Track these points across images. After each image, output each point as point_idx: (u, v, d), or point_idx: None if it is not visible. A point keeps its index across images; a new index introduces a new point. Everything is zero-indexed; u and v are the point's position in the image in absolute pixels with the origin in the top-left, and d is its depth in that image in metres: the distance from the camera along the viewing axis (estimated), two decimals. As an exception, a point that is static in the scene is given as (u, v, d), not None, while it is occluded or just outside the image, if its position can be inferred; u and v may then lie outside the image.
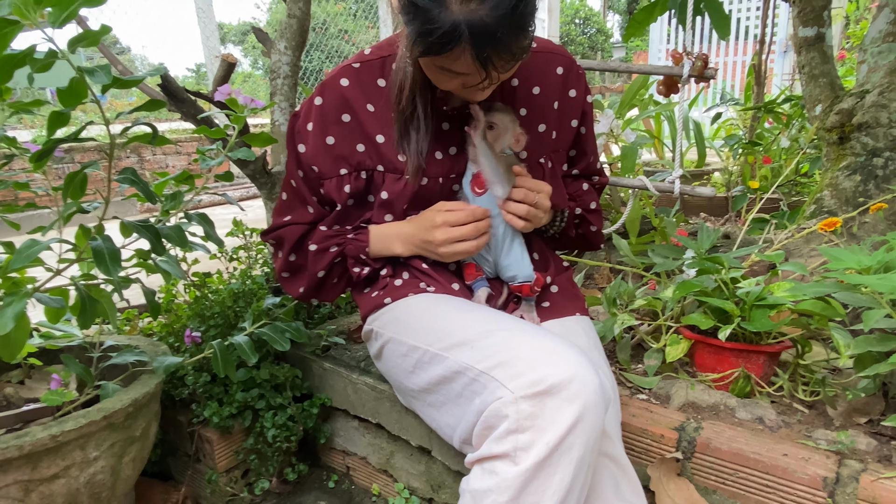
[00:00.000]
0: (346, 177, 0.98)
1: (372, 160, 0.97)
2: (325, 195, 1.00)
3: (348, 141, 0.96)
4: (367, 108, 0.97)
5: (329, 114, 0.96)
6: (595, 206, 1.15)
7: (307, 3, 1.46)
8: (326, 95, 0.96)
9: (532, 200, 0.93)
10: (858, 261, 0.94)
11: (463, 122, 0.98)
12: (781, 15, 6.26)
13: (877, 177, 1.67)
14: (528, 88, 1.01)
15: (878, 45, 1.77)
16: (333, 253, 1.02)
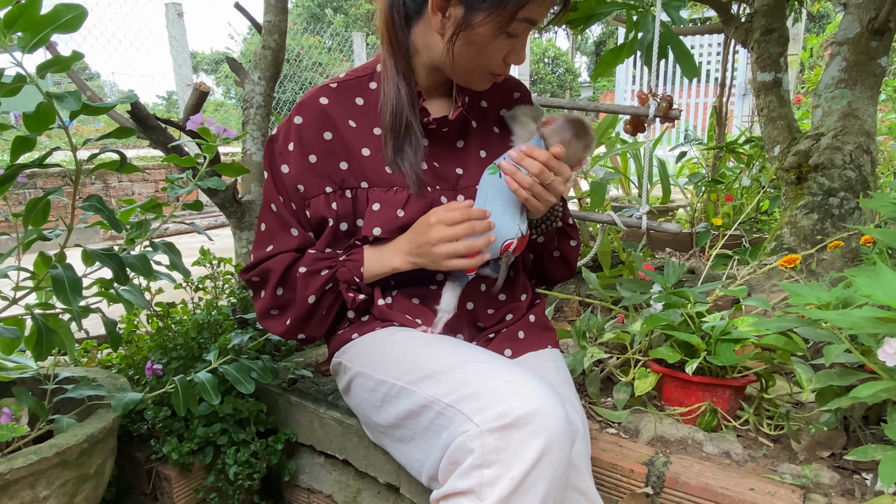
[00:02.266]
0: (332, 195, 0.96)
1: (356, 178, 0.96)
2: (313, 216, 0.96)
3: (331, 159, 0.95)
4: (349, 124, 0.97)
5: (310, 132, 0.95)
6: (572, 221, 1.15)
7: (282, 36, 1.47)
8: (306, 114, 0.96)
9: (546, 180, 0.88)
10: (818, 297, 0.97)
11: (441, 137, 1.00)
12: (741, 60, 6.55)
13: (833, 216, 1.73)
14: (496, 109, 1.07)
15: (831, 90, 1.87)
16: (325, 277, 0.96)
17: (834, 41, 1.89)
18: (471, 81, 0.96)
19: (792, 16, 3.15)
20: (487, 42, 0.87)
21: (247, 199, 1.44)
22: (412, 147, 0.95)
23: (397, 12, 0.91)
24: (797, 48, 6.96)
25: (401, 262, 0.94)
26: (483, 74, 0.93)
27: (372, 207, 0.96)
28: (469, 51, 0.88)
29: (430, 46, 0.94)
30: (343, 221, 0.97)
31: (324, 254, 0.98)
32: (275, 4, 1.46)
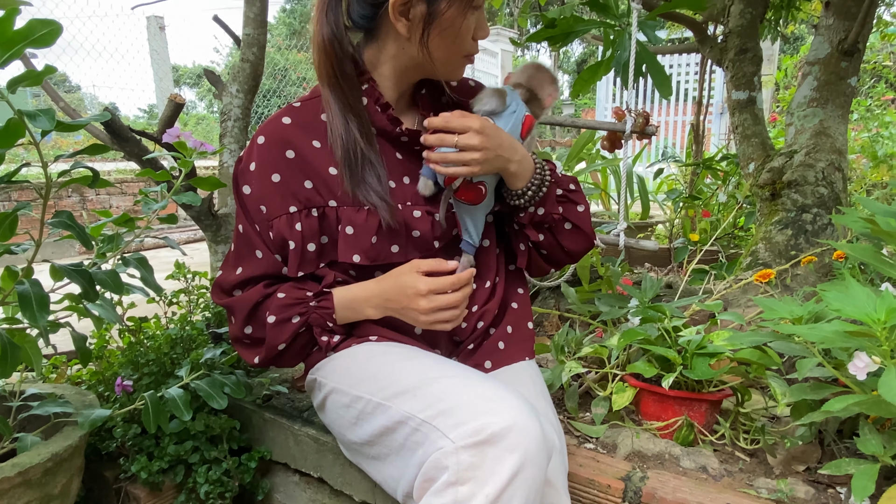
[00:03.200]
0: (297, 214, 0.94)
1: (322, 196, 0.94)
2: (276, 237, 0.94)
3: (294, 177, 0.93)
4: (313, 144, 0.95)
5: (272, 151, 0.94)
6: (574, 186, 1.06)
7: (261, 49, 1.47)
8: (268, 134, 0.95)
9: (450, 142, 0.88)
10: (791, 311, 0.98)
11: (412, 151, 0.99)
12: (718, 79, 6.68)
13: (806, 231, 1.76)
14: None
15: (803, 109, 1.91)
16: (296, 324, 0.94)
17: (806, 61, 1.94)
18: (451, 71, 0.96)
19: (768, 37, 3.23)
20: (459, 24, 0.88)
21: (223, 213, 1.42)
22: (374, 175, 0.94)
23: (339, 44, 0.91)
24: (772, 68, 7.13)
25: (375, 313, 0.94)
26: (460, 60, 0.95)
27: (345, 231, 0.94)
28: (444, 40, 0.90)
29: (395, 56, 0.94)
30: (310, 242, 0.95)
31: (292, 298, 0.94)
32: (254, 18, 1.45)
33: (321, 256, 0.97)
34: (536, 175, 0.97)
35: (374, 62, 0.96)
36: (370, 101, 0.97)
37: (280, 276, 0.98)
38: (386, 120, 0.97)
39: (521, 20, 3.02)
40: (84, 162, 0.87)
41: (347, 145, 0.93)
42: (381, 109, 0.97)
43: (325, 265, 0.98)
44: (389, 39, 0.93)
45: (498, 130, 0.91)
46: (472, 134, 0.88)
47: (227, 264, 0.99)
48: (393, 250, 0.96)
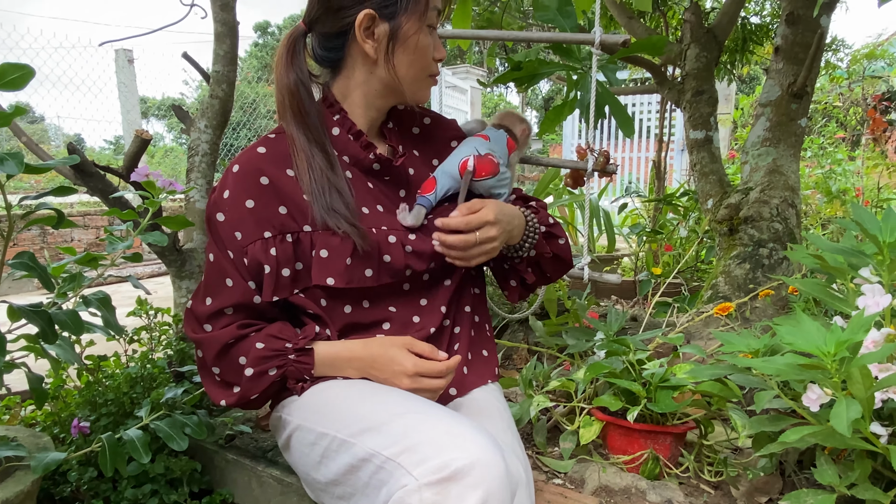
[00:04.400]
0: (271, 240, 0.94)
1: (296, 222, 0.95)
2: (251, 262, 0.93)
3: (269, 203, 0.94)
4: (287, 173, 0.96)
5: (247, 178, 0.95)
6: (552, 220, 1.12)
7: (230, 86, 1.48)
8: (243, 162, 0.96)
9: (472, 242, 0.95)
10: (748, 344, 1.01)
11: (383, 179, 1.02)
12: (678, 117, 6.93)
13: (763, 265, 1.82)
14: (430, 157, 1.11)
15: (757, 148, 2.00)
16: (273, 376, 0.94)
17: (758, 103, 2.04)
18: (417, 91, 1.02)
19: (724, 78, 3.39)
20: (416, 39, 0.96)
21: (188, 248, 1.40)
22: (343, 203, 0.95)
23: (304, 86, 0.96)
24: (730, 107, 7.44)
25: (355, 375, 0.95)
26: (425, 79, 1.01)
27: (320, 254, 0.95)
28: (407, 57, 0.96)
29: (365, 82, 0.99)
30: (284, 267, 0.95)
31: (272, 349, 0.93)
32: (224, 55, 1.47)
33: (295, 282, 0.97)
34: (529, 228, 1.04)
35: (343, 93, 1.00)
36: (342, 131, 1.00)
37: (252, 307, 0.97)
38: (359, 147, 1.00)
39: (490, 61, 3.11)
40: (49, 203, 0.86)
41: (314, 179, 0.95)
42: (354, 137, 1.00)
43: (299, 291, 0.98)
44: (357, 66, 0.98)
45: (503, 208, 0.98)
46: (488, 227, 0.95)
47: (197, 295, 0.98)
48: (367, 274, 0.97)
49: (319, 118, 0.98)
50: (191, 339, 0.98)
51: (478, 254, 0.96)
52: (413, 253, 1.00)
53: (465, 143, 1.08)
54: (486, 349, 1.14)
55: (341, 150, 1.00)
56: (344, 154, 1.01)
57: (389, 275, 0.99)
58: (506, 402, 1.10)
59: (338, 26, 0.95)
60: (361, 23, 0.92)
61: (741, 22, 2.98)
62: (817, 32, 1.85)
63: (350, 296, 0.98)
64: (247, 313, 0.97)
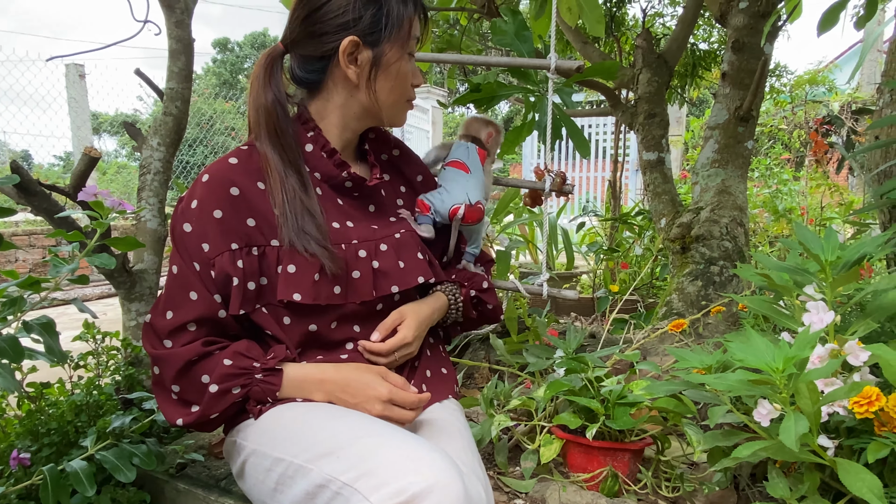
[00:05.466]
0: (238, 252, 0.91)
1: (264, 236, 0.93)
2: (219, 275, 0.91)
3: (237, 215, 0.92)
4: (258, 185, 0.95)
5: (217, 188, 0.92)
6: (487, 284, 1.17)
7: (185, 104, 1.45)
8: (213, 172, 0.94)
9: (398, 359, 1.01)
10: (701, 361, 1.03)
11: (354, 197, 1.03)
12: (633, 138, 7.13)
13: (714, 282, 1.88)
14: (398, 185, 1.13)
15: (707, 169, 2.07)
16: (236, 395, 0.91)
17: (707, 126, 2.12)
18: (395, 115, 1.04)
19: (675, 102, 3.51)
20: (398, 66, 0.98)
21: (138, 269, 1.36)
22: (314, 225, 0.94)
23: (281, 106, 0.96)
24: (681, 129, 7.70)
25: (322, 398, 0.93)
26: (403, 104, 1.03)
27: (287, 269, 0.93)
28: (388, 83, 0.98)
29: (343, 104, 1.00)
30: (250, 280, 0.93)
31: (239, 367, 0.91)
32: (178, 73, 1.44)
33: (259, 298, 0.94)
34: (451, 307, 1.11)
35: (321, 113, 1.01)
36: (316, 148, 1.00)
37: (216, 322, 0.94)
38: (332, 165, 1.00)
39: (450, 82, 3.15)
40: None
41: (286, 199, 0.94)
42: (328, 155, 1.00)
43: (261, 307, 0.95)
44: (337, 89, 0.99)
45: (421, 319, 1.03)
46: (405, 347, 1.00)
47: (156, 309, 0.94)
48: (335, 291, 0.95)
49: (294, 137, 0.98)
50: (150, 354, 0.94)
51: (403, 357, 1.01)
52: (380, 271, 0.99)
53: (452, 178, 1.12)
54: (445, 367, 1.14)
55: (313, 166, 1.01)
56: (316, 171, 1.01)
57: (357, 294, 0.98)
58: (466, 421, 1.09)
59: (320, 51, 0.96)
60: (346, 49, 0.93)
61: (690, 48, 3.11)
62: (761, 59, 1.94)
63: (316, 314, 0.97)
64: (210, 328, 0.94)
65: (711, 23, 3.44)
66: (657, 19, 3.75)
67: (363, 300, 0.99)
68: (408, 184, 1.17)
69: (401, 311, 1.01)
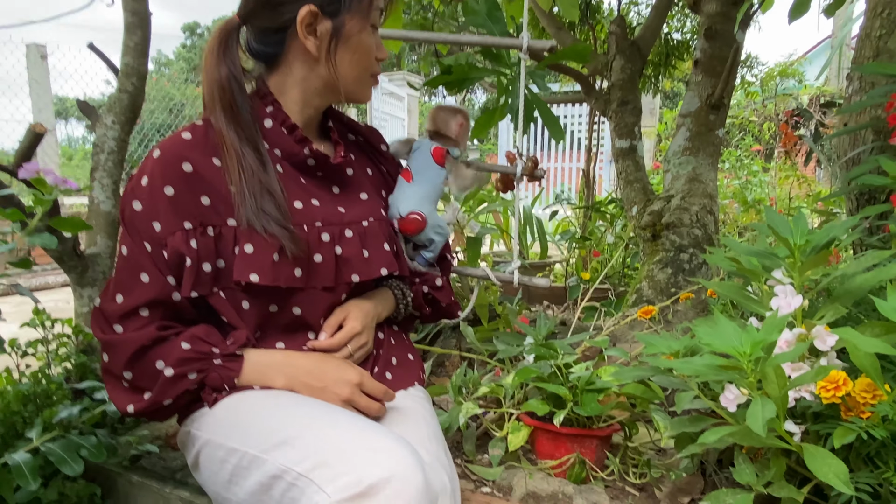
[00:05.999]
0: (192, 231, 0.87)
1: (219, 215, 0.89)
2: (172, 255, 0.86)
3: (190, 192, 0.88)
4: (213, 161, 0.90)
5: (168, 164, 0.88)
6: (441, 282, 1.17)
7: (140, 80, 1.39)
8: (165, 148, 0.89)
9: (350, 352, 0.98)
10: (669, 346, 1.02)
11: (318, 176, 0.99)
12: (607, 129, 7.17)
13: (684, 270, 1.88)
14: (364, 164, 1.10)
15: (678, 157, 2.06)
16: (192, 381, 0.87)
17: (680, 114, 2.11)
18: (359, 90, 1.00)
19: (649, 91, 3.51)
20: (359, 38, 0.95)
21: (91, 252, 1.30)
22: (273, 204, 0.90)
23: (236, 81, 0.92)
24: (654, 121, 7.77)
25: (284, 384, 0.90)
26: (367, 79, 1.00)
27: (244, 248, 0.89)
28: (349, 55, 0.95)
29: (304, 79, 0.95)
30: (205, 262, 0.89)
31: (197, 352, 0.87)
32: (134, 48, 1.37)
33: (216, 280, 0.90)
34: (400, 304, 1.09)
35: (280, 88, 0.97)
36: (275, 124, 0.96)
37: (170, 306, 0.89)
38: (292, 141, 0.96)
39: (424, 66, 3.10)
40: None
41: (243, 177, 0.89)
42: (288, 131, 0.96)
43: (219, 290, 0.91)
44: (297, 63, 0.95)
45: (367, 310, 1.00)
46: (357, 338, 0.98)
47: (106, 293, 0.90)
48: (296, 274, 0.91)
49: (251, 113, 0.94)
50: (99, 340, 0.89)
51: (356, 358, 0.98)
52: (343, 258, 0.96)
53: (397, 187, 1.12)
54: (411, 353, 1.12)
55: (273, 142, 0.96)
56: (276, 147, 0.97)
57: (319, 279, 0.94)
58: (432, 408, 1.07)
59: (277, 22, 0.92)
60: (304, 19, 0.90)
61: (664, 38, 3.11)
62: (734, 46, 1.93)
63: (277, 299, 0.93)
64: (165, 312, 0.90)
65: (685, 12, 3.45)
66: (633, 7, 3.75)
67: (324, 286, 0.95)
68: (376, 168, 1.13)
69: (343, 308, 0.98)
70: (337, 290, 0.97)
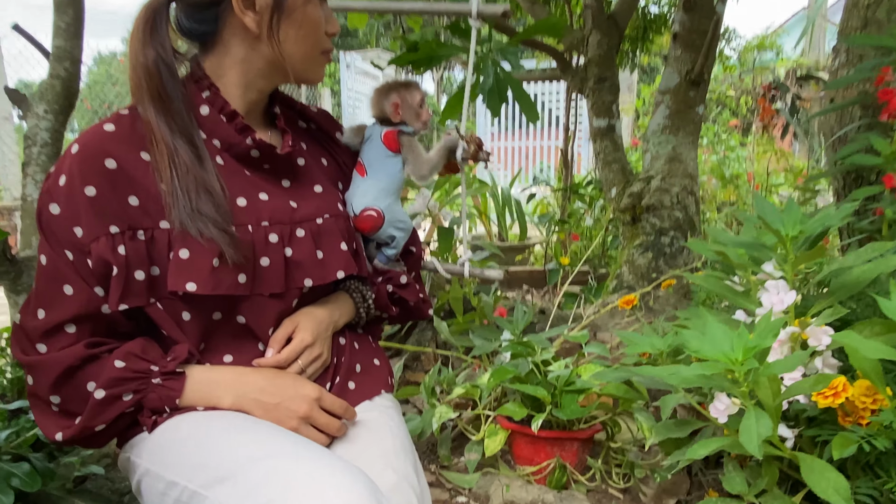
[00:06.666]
0: (119, 236, 0.76)
1: (151, 217, 0.79)
2: (97, 263, 0.76)
3: (115, 192, 0.77)
4: (141, 156, 0.80)
5: (88, 160, 0.77)
6: (406, 279, 1.07)
7: (75, 64, 1.26)
8: (84, 142, 0.78)
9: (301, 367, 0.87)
10: (652, 344, 0.96)
11: (264, 168, 0.88)
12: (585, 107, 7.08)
13: (665, 254, 1.82)
14: (318, 153, 1.00)
15: (657, 136, 1.99)
16: (127, 402, 0.77)
17: (658, 91, 2.03)
18: (309, 70, 0.90)
19: (626, 66, 3.43)
20: (305, 11, 0.84)
21: (26, 256, 1.19)
22: (211, 204, 0.80)
23: (166, 65, 0.81)
24: (632, 97, 7.69)
25: (232, 403, 0.80)
26: (317, 56, 0.89)
27: (179, 254, 0.79)
28: (294, 31, 0.84)
29: (244, 59, 0.85)
30: (137, 269, 0.78)
31: (133, 370, 0.78)
32: (66, 28, 1.25)
33: (152, 289, 0.80)
34: (360, 308, 1.00)
35: (218, 71, 0.85)
36: (213, 111, 0.85)
37: (100, 319, 0.79)
38: (233, 130, 0.85)
39: (393, 44, 2.97)
40: None
41: (175, 174, 0.79)
42: (227, 119, 0.85)
43: (155, 301, 0.81)
44: (235, 41, 0.84)
45: (319, 319, 0.91)
46: (309, 351, 0.88)
47: (27, 309, 0.79)
48: (240, 280, 0.81)
49: (185, 101, 0.83)
50: (21, 363, 0.79)
51: (310, 373, 0.88)
52: (294, 261, 0.86)
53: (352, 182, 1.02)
54: (377, 358, 1.03)
55: (210, 132, 0.85)
56: (214, 137, 0.85)
57: (267, 284, 0.85)
58: (400, 417, 0.98)
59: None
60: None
61: (641, 11, 3.01)
62: (713, 19, 1.85)
63: (221, 308, 0.83)
64: (94, 327, 0.79)
65: (662, -16, 3.35)
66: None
67: (272, 292, 0.86)
68: (331, 159, 1.04)
69: (292, 318, 0.88)
70: (286, 296, 0.88)
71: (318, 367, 0.90)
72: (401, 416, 0.99)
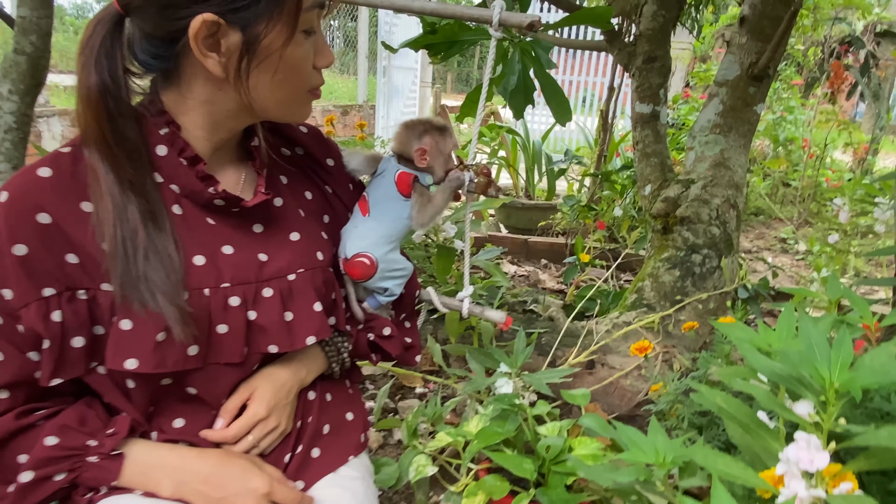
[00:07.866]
0: (55, 299, 0.68)
1: (92, 277, 0.69)
2: (28, 331, 0.67)
3: (51, 250, 0.67)
4: (81, 207, 0.69)
5: (17, 214, 0.66)
6: (390, 330, 0.97)
7: (43, 38, 1.11)
8: (14, 192, 0.67)
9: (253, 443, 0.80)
10: (656, 452, 0.84)
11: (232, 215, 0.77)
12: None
13: (694, 274, 1.66)
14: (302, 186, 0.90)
15: (705, 134, 1.77)
16: (59, 482, 0.71)
17: (714, 81, 1.79)
18: (292, 112, 0.77)
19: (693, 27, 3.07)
20: (283, 52, 0.69)
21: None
22: (161, 270, 0.69)
23: (113, 98, 0.67)
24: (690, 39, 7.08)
25: (173, 494, 0.73)
26: (301, 97, 0.76)
27: (119, 325, 0.69)
28: (269, 76, 0.70)
29: (208, 101, 0.72)
30: (75, 335, 0.69)
31: (67, 448, 0.70)
32: (32, -5, 1.09)
33: (93, 354, 0.71)
34: (333, 363, 0.91)
35: (177, 108, 0.73)
36: (171, 151, 0.73)
37: (35, 384, 0.71)
38: (194, 178, 0.73)
39: None
40: None
41: (120, 234, 0.68)
42: (189, 163, 0.73)
43: (97, 365, 0.73)
44: (197, 82, 0.71)
45: (277, 384, 0.82)
46: (262, 425, 0.80)
47: None
48: (190, 353, 0.72)
49: (140, 139, 0.70)
50: None
51: (265, 446, 0.81)
52: (257, 325, 0.76)
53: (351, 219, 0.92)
54: (351, 411, 0.94)
55: (168, 176, 0.73)
56: (172, 182, 0.73)
57: (222, 354, 0.75)
58: (368, 485, 0.90)
59: (166, 29, 0.66)
60: (198, 32, 0.64)
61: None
62: (790, 7, 1.58)
63: (170, 374, 0.74)
64: (29, 392, 0.71)
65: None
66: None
67: (228, 361, 0.76)
68: (317, 190, 0.90)
69: (249, 384, 0.80)
70: (246, 363, 0.79)
71: (275, 439, 0.82)
72: (369, 482, 0.91)
